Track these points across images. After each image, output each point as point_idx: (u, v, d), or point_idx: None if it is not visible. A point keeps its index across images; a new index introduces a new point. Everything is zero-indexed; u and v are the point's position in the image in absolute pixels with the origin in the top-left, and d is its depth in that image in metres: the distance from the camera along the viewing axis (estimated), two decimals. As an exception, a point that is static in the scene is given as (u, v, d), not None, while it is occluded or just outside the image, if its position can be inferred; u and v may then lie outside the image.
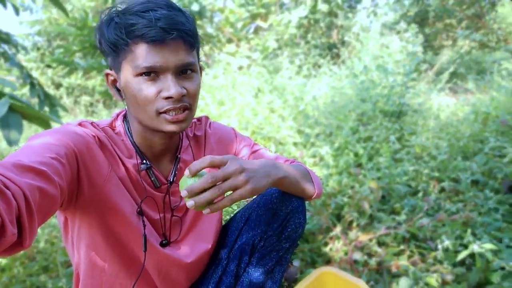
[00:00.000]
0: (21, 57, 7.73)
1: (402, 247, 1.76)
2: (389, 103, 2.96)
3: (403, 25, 4.19)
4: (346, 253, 1.80)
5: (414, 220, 1.85)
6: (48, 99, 2.50)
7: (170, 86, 0.73)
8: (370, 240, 1.82)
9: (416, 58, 3.01)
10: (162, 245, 0.91)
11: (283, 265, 1.02)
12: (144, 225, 0.84)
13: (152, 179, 0.87)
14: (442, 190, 2.24)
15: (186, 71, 0.77)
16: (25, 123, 1.21)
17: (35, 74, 7.50)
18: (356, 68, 3.71)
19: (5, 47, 2.71)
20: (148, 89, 0.74)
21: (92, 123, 0.81)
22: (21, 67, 2.54)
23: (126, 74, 0.75)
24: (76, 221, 0.83)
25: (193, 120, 1.01)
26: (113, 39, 0.73)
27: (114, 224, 0.82)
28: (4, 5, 2.58)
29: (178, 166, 0.91)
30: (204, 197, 0.68)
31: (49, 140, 0.69)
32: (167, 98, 0.74)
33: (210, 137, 0.99)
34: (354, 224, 1.96)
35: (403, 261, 1.68)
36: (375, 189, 2.02)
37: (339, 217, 2.06)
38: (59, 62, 5.91)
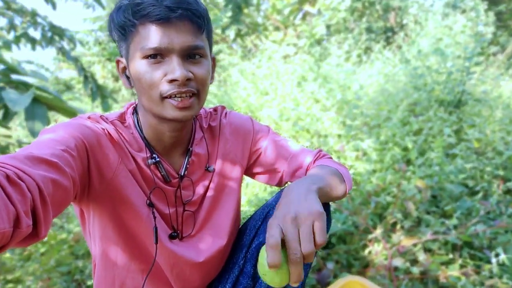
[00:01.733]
0: (85, 52, 8.35)
1: (452, 255, 1.55)
2: (446, 91, 2.63)
3: (469, 2, 3.72)
4: (386, 258, 1.63)
5: (468, 225, 1.61)
6: (100, 91, 2.63)
7: (174, 68, 0.70)
8: (415, 245, 1.63)
9: (481, 39, 2.62)
10: (172, 237, 0.88)
11: (305, 269, 0.94)
12: (155, 217, 0.82)
13: (163, 173, 0.84)
14: (508, 191, 1.94)
15: (194, 56, 0.73)
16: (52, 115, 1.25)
17: (97, 67, 8.07)
18: (412, 53, 3.38)
19: (63, 42, 2.89)
20: (153, 71, 0.71)
21: (101, 116, 0.81)
22: (76, 61, 2.70)
23: (134, 58, 0.73)
24: (91, 213, 0.83)
25: (209, 110, 0.97)
26: (121, 22, 0.71)
27: (125, 216, 0.81)
28: (54, 7, 2.73)
29: (190, 160, 0.87)
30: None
31: (59, 133, 0.69)
32: (172, 81, 0.70)
33: (225, 128, 0.94)
34: (398, 227, 1.77)
35: (453, 271, 1.48)
36: (423, 188, 1.80)
37: (381, 218, 1.89)
38: (116, 55, 6.28)
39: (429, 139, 2.27)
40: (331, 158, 0.98)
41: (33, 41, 2.69)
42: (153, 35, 0.69)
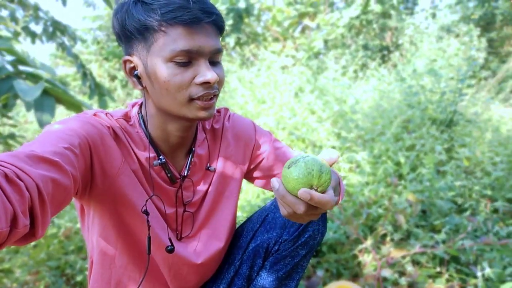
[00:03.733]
0: (83, 50, 8.32)
1: (439, 269, 1.59)
2: (438, 110, 2.71)
3: (463, 27, 3.85)
4: (375, 269, 1.66)
5: (456, 240, 1.66)
6: (98, 89, 2.63)
7: (206, 71, 0.71)
8: (403, 257, 1.67)
9: (473, 62, 2.72)
10: (175, 241, 0.88)
11: (299, 272, 0.97)
12: (149, 226, 0.81)
13: (169, 175, 0.84)
14: (495, 211, 2.00)
15: (216, 58, 0.75)
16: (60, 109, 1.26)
17: (93, 66, 8.03)
18: (406, 72, 3.47)
19: (64, 39, 2.90)
20: (182, 74, 0.70)
21: (106, 114, 0.80)
22: (76, 58, 2.70)
23: (155, 59, 0.70)
24: (91, 210, 0.83)
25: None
26: (145, 20, 0.68)
27: (126, 216, 0.81)
28: (64, 4, 2.75)
29: (192, 161, 0.88)
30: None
31: (63, 130, 0.69)
32: (203, 83, 0.71)
33: (228, 131, 0.95)
34: (388, 238, 1.81)
35: (439, 285, 1.52)
36: (413, 202, 1.85)
37: (372, 229, 1.92)
38: (114, 55, 6.28)
39: (420, 155, 2.33)
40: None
41: (33, 35, 2.70)
42: (183, 38, 0.68)
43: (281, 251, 0.92)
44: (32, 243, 1.86)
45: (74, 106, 1.31)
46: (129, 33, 0.71)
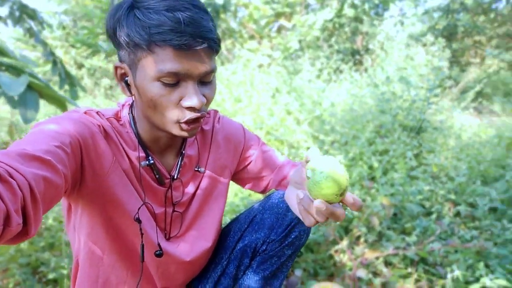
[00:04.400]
0: (47, 35, 7.85)
1: (409, 270, 1.69)
2: (409, 117, 2.86)
3: (430, 38, 4.07)
4: (350, 269, 1.74)
5: (425, 243, 1.77)
6: (68, 78, 2.51)
7: (192, 95, 0.69)
8: (377, 258, 1.76)
9: (441, 73, 2.90)
10: (163, 240, 0.89)
11: (284, 272, 1.00)
12: (142, 233, 0.82)
13: (157, 176, 0.85)
14: (457, 214, 2.16)
15: (207, 78, 0.73)
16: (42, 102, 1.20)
17: (59, 52, 7.60)
18: (378, 77, 3.62)
19: (31, 23, 2.73)
20: (169, 95, 0.69)
21: (98, 112, 0.79)
22: (44, 44, 2.55)
23: (143, 75, 0.69)
24: (79, 208, 0.82)
25: None
26: (134, 37, 0.66)
27: (115, 215, 0.81)
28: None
29: (182, 162, 0.89)
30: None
31: (54, 128, 0.68)
32: (189, 108, 0.70)
33: (218, 133, 0.97)
34: (362, 240, 1.89)
35: (409, 285, 1.62)
36: (387, 205, 1.95)
37: (347, 230, 2.00)
38: (83, 43, 5.99)
39: (392, 160, 2.46)
40: None
41: (-4, 18, 2.52)
42: (172, 60, 0.66)
43: (268, 251, 0.95)
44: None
45: (57, 101, 1.25)
46: (120, 42, 0.70)
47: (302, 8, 6.48)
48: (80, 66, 7.47)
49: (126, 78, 0.74)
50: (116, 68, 0.75)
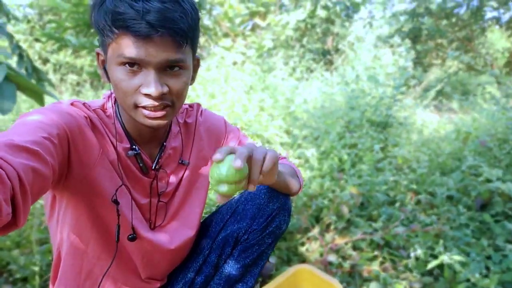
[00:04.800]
0: (9, 27, 7.49)
1: (376, 253, 1.82)
2: (376, 113, 3.03)
3: (397, 39, 4.29)
4: (321, 255, 1.84)
5: (390, 228, 1.91)
6: (35, 73, 2.45)
7: (150, 83, 0.70)
8: (346, 243, 1.88)
9: (406, 73, 3.09)
10: (148, 230, 0.91)
11: (263, 259, 1.05)
12: (119, 215, 0.83)
13: (141, 165, 0.87)
14: (418, 202, 2.32)
15: (173, 68, 0.72)
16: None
17: (23, 46, 7.25)
18: (348, 76, 3.78)
19: (-3, 15, 2.64)
20: (128, 80, 0.71)
21: (84, 104, 0.80)
22: (10, 37, 2.48)
23: (110, 60, 0.73)
24: (64, 200, 0.83)
25: (185, 106, 1.01)
26: (100, 24, 0.70)
27: (100, 207, 0.82)
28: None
29: (166, 153, 0.91)
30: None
31: (41, 119, 0.68)
32: (146, 94, 0.71)
33: (200, 126, 1.00)
34: (332, 227, 2.01)
35: (375, 267, 1.74)
36: (355, 195, 2.07)
37: (318, 219, 2.11)
38: (50, 37, 5.76)
39: (360, 153, 2.60)
40: (287, 160, 1.12)
41: (-42, 9, 2.43)
42: (131, 47, 0.68)
43: (250, 240, 0.99)
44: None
45: (35, 93, 1.25)
46: (95, 29, 0.73)
47: (276, 8, 6.60)
48: (45, 61, 7.18)
49: (105, 65, 0.77)
50: (97, 54, 0.79)
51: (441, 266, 1.69)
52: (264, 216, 0.98)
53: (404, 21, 8.50)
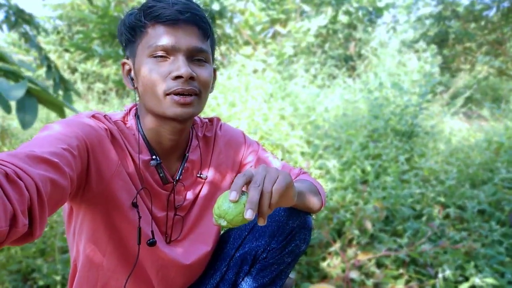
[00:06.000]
0: (40, 39, 7.84)
1: (401, 271, 1.73)
2: (401, 122, 2.93)
3: (422, 44, 4.15)
4: (343, 271, 1.77)
5: (416, 244, 1.82)
6: (63, 83, 2.52)
7: (180, 65, 0.75)
8: (369, 260, 1.80)
9: (433, 79, 2.97)
10: (164, 244, 0.90)
11: (282, 279, 1.02)
12: (140, 217, 0.83)
13: (161, 175, 0.87)
14: (447, 216, 2.21)
15: (199, 59, 0.79)
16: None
17: (52, 56, 7.58)
18: (371, 83, 3.69)
19: (27, 27, 2.75)
20: (159, 68, 0.76)
21: (105, 116, 0.81)
22: (39, 49, 2.57)
23: (141, 57, 0.78)
24: (81, 213, 0.83)
25: (205, 121, 1.01)
26: (132, 23, 0.78)
27: (118, 219, 0.82)
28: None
29: (185, 166, 0.91)
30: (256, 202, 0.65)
31: (62, 131, 0.70)
32: (176, 78, 0.75)
33: (219, 139, 0.99)
34: (354, 242, 1.93)
35: (400, 286, 1.66)
36: (379, 208, 1.99)
37: (339, 233, 2.04)
38: (77, 47, 5.99)
39: (384, 164, 2.51)
40: (309, 175, 1.08)
41: (-9, 24, 2.54)
42: (161, 35, 0.75)
43: (269, 259, 0.96)
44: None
45: (56, 106, 1.27)
46: (125, 38, 0.81)
47: (297, 14, 6.58)
48: (73, 70, 7.46)
49: (131, 75, 0.83)
50: (123, 64, 0.85)
51: None
52: (283, 234, 0.95)
53: (430, 25, 8.26)
